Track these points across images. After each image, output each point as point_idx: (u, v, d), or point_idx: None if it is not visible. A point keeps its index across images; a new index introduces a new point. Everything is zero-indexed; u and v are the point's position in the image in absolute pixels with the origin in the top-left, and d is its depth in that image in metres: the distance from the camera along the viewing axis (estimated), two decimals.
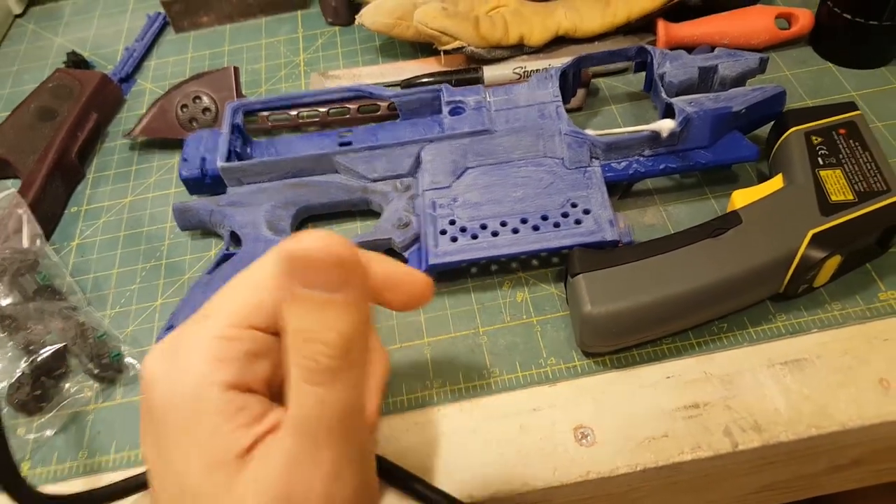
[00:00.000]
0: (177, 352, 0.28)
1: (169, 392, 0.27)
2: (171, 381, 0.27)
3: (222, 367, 0.27)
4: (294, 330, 0.26)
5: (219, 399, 0.27)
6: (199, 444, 0.26)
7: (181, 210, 0.53)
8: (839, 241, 0.42)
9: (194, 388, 0.27)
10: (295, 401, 0.26)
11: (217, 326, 0.28)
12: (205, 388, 0.27)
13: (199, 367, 0.27)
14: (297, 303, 0.25)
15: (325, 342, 0.25)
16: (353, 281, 0.26)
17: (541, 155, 0.50)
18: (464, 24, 0.59)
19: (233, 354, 0.28)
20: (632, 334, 0.43)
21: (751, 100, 0.48)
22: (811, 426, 0.40)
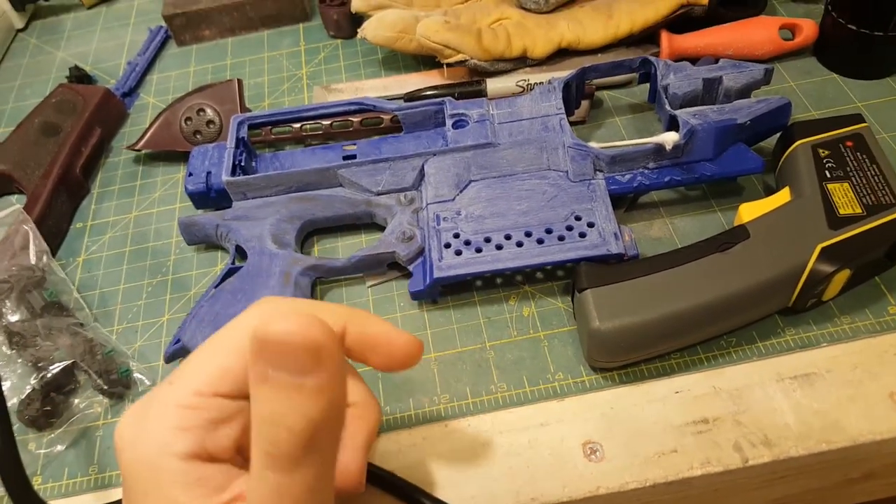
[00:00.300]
0: (144, 418, 0.28)
1: (133, 459, 0.27)
2: (136, 448, 0.28)
3: (182, 436, 0.27)
4: (258, 412, 0.24)
5: (177, 469, 0.27)
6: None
7: (187, 224, 0.53)
8: (848, 255, 0.42)
9: (155, 457, 0.27)
10: (252, 484, 0.25)
11: (181, 394, 0.28)
12: (164, 457, 0.27)
13: (160, 436, 0.27)
14: (265, 385, 0.24)
15: (289, 428, 0.24)
16: (326, 364, 0.24)
17: (544, 168, 0.50)
18: (466, 38, 0.59)
19: (195, 423, 0.28)
20: (640, 350, 0.43)
21: (756, 112, 0.48)
22: (822, 441, 0.40)
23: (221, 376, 0.29)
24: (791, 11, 0.65)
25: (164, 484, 0.27)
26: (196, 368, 0.29)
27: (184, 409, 0.28)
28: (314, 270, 0.50)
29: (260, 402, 0.24)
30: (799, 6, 0.65)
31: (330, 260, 0.50)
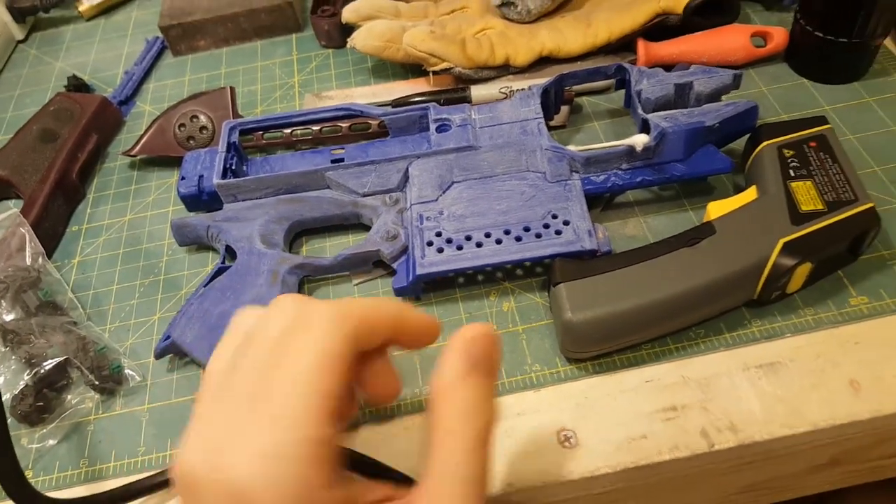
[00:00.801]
0: (268, 458, 0.27)
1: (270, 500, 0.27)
2: (273, 491, 0.26)
3: (324, 471, 0.27)
4: (470, 401, 0.30)
5: (330, 500, 0.28)
6: None
7: (179, 226, 0.55)
8: (809, 249, 0.44)
9: (305, 497, 0.27)
10: (463, 465, 0.29)
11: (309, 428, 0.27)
12: (315, 493, 0.27)
13: (304, 475, 0.27)
14: (474, 377, 0.30)
15: (489, 415, 0.30)
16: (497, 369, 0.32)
17: (523, 169, 0.52)
18: (451, 47, 0.61)
19: (329, 455, 0.28)
20: (612, 340, 0.45)
21: (724, 114, 0.50)
22: (784, 426, 0.42)
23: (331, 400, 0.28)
24: (764, 19, 0.67)
25: None
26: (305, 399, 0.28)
27: (320, 445, 0.28)
28: (301, 269, 0.52)
29: (467, 394, 0.30)
30: (772, 14, 0.67)
31: (317, 259, 0.52)
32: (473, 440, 0.29)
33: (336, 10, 0.71)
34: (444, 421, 0.30)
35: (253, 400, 0.28)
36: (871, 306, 0.46)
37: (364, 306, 0.31)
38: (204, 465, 0.28)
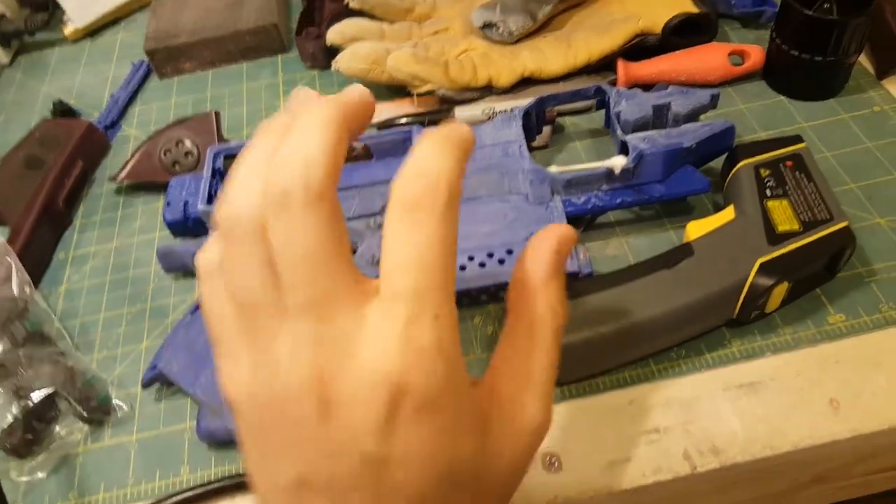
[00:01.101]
0: (437, 348, 0.27)
1: (429, 387, 0.27)
2: (430, 377, 0.27)
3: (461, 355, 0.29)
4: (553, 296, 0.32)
5: (467, 382, 0.29)
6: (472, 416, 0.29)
7: (165, 253, 0.56)
8: (785, 269, 0.44)
9: (456, 379, 0.28)
10: (549, 352, 0.32)
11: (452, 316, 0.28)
12: (461, 375, 0.28)
13: (457, 354, 0.28)
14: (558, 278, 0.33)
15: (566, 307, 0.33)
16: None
17: (506, 191, 0.52)
18: (434, 69, 0.62)
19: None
20: (594, 363, 0.46)
21: (701, 135, 0.50)
22: (766, 447, 0.42)
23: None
24: (742, 37, 0.68)
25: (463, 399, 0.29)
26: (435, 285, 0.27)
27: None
28: None
29: (556, 291, 0.32)
30: (749, 32, 0.68)
31: None
32: (558, 330, 0.32)
33: (321, 32, 0.72)
34: (533, 315, 0.31)
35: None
36: (849, 324, 0.47)
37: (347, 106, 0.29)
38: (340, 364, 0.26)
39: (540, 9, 0.64)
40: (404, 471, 0.27)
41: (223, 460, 0.47)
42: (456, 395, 0.28)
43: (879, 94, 0.61)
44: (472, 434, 0.29)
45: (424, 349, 0.26)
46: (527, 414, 0.31)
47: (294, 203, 0.26)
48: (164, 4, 0.80)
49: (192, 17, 0.77)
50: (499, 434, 0.30)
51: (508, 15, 0.64)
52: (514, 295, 0.33)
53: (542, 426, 0.31)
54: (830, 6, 0.58)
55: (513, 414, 0.31)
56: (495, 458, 0.30)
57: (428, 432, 0.27)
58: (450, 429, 0.28)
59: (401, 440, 0.26)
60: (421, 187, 0.27)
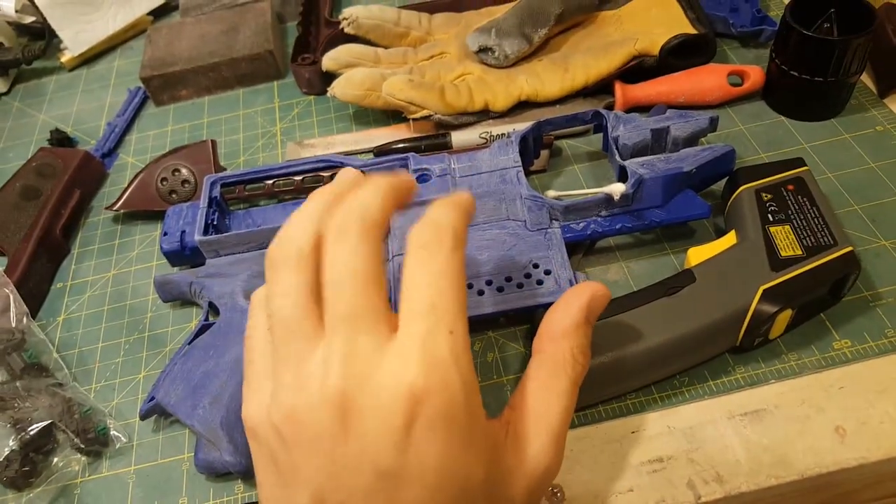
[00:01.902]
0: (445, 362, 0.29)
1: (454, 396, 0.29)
2: (457, 387, 0.29)
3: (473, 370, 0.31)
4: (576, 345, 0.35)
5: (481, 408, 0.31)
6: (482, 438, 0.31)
7: (162, 283, 0.55)
8: (789, 295, 0.44)
9: (475, 390, 0.31)
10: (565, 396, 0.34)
11: (465, 331, 0.31)
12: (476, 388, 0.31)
13: (470, 371, 0.30)
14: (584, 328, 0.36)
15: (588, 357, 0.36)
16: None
17: (504, 218, 0.52)
18: (430, 94, 0.62)
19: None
20: (596, 392, 0.45)
21: (701, 159, 0.50)
22: (771, 476, 0.42)
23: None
24: (741, 57, 0.68)
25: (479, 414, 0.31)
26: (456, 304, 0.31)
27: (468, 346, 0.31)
28: None
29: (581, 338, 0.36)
30: (749, 51, 0.68)
31: None
32: (577, 378, 0.35)
33: (316, 58, 0.72)
34: (555, 360, 0.35)
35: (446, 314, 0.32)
36: (855, 350, 0.46)
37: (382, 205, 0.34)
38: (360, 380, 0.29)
39: (535, 32, 0.64)
40: (418, 488, 0.28)
41: (221, 491, 0.47)
42: (470, 415, 0.29)
43: (882, 114, 0.60)
44: (485, 460, 0.30)
45: (441, 360, 0.29)
46: (537, 455, 0.32)
47: (351, 231, 0.31)
48: (159, 32, 0.80)
49: (188, 44, 0.77)
50: (510, 468, 0.31)
51: (504, 39, 0.64)
52: (539, 340, 0.36)
53: (550, 469, 0.33)
54: (831, 25, 0.58)
55: (525, 452, 0.32)
56: (505, 490, 0.31)
57: (443, 446, 0.28)
58: (464, 447, 0.29)
59: (416, 453, 0.28)
60: (432, 231, 0.32)
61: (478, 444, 0.30)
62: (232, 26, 0.78)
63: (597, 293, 0.36)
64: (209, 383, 0.48)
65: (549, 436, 0.33)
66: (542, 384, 0.34)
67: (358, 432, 0.28)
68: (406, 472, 0.28)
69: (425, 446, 0.28)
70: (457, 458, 0.29)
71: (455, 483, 0.29)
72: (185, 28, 0.80)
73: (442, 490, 0.28)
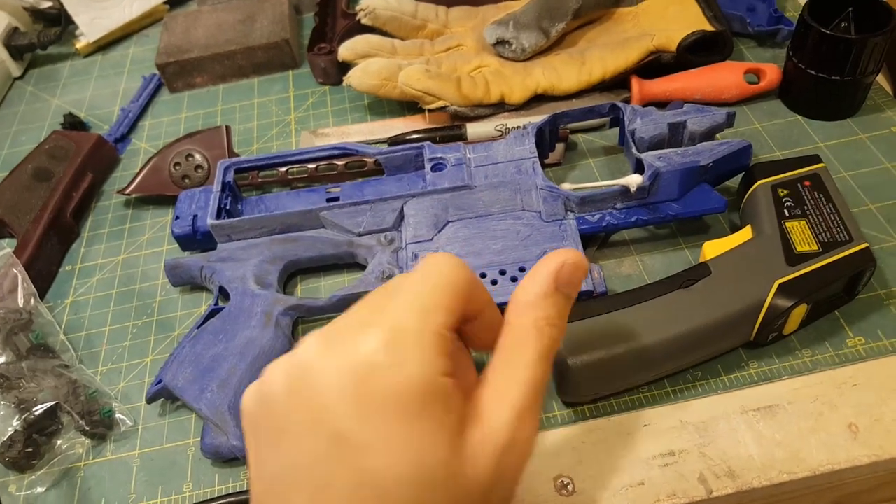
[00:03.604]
0: (402, 346, 0.29)
1: (399, 378, 0.29)
2: (401, 369, 0.29)
3: (446, 362, 0.30)
4: (545, 315, 0.33)
5: (445, 387, 0.29)
6: (439, 423, 0.29)
7: (172, 266, 0.55)
8: (804, 290, 0.43)
9: (432, 376, 0.29)
10: (530, 367, 0.32)
11: (439, 323, 0.30)
12: (439, 377, 0.29)
13: (431, 360, 0.29)
14: (555, 296, 0.33)
15: (561, 329, 0.33)
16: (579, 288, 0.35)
17: (518, 208, 0.51)
18: (446, 85, 0.61)
19: (448, 350, 0.30)
20: (608, 384, 0.45)
21: (718, 154, 0.50)
22: (783, 472, 0.41)
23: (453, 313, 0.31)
24: (757, 56, 0.67)
25: (438, 401, 0.29)
26: (437, 303, 0.31)
27: (442, 338, 0.30)
28: (295, 310, 0.52)
29: (545, 308, 0.33)
30: (765, 50, 0.68)
31: (311, 300, 0.52)
32: (544, 350, 0.32)
33: (332, 48, 0.72)
34: (519, 330, 0.33)
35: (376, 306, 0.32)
36: (869, 347, 0.46)
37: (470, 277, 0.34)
38: (324, 352, 0.30)
39: (553, 26, 0.64)
40: (375, 459, 0.28)
41: (227, 477, 0.46)
42: (426, 388, 0.29)
43: None
44: (448, 436, 0.29)
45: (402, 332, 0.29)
46: (499, 429, 0.31)
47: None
48: (176, 19, 0.80)
49: (204, 32, 0.78)
50: (474, 443, 0.30)
51: (521, 32, 0.64)
52: (507, 312, 0.34)
53: (515, 443, 0.31)
54: (848, 25, 0.57)
55: (487, 426, 0.31)
56: (470, 467, 0.30)
57: (399, 420, 0.28)
58: (420, 421, 0.29)
59: (371, 424, 0.28)
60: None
61: (437, 417, 0.29)
62: (249, 15, 0.78)
63: (568, 260, 0.34)
64: (218, 367, 0.48)
65: (511, 409, 0.31)
66: (505, 357, 0.33)
67: (314, 402, 0.29)
68: (362, 441, 0.28)
69: (380, 418, 0.28)
70: (415, 431, 0.29)
71: (414, 455, 0.28)
72: (201, 16, 0.80)
73: (402, 462, 0.28)
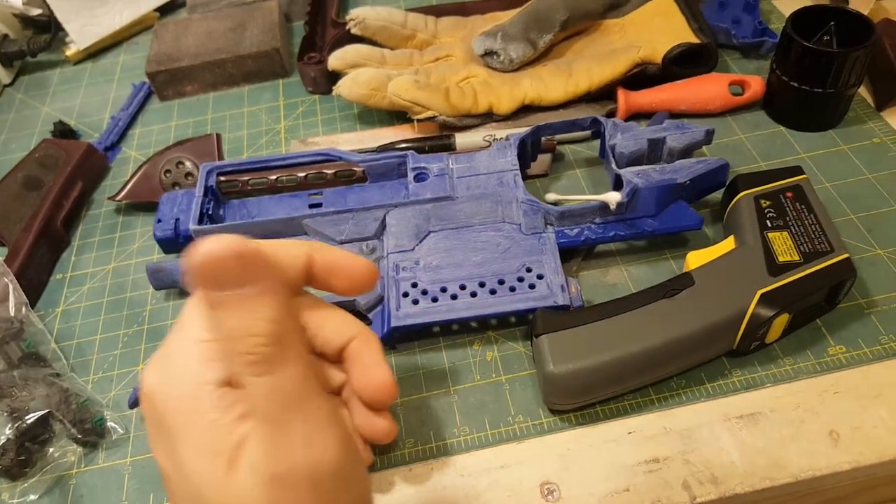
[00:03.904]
0: (167, 361, 0.30)
1: (167, 396, 0.29)
2: (168, 387, 0.29)
3: (211, 367, 0.29)
4: (227, 335, 0.28)
5: (212, 395, 0.28)
6: (200, 439, 0.28)
7: (154, 270, 0.55)
8: (786, 300, 0.44)
9: (192, 389, 0.29)
10: (252, 394, 0.28)
11: (197, 333, 0.30)
12: (200, 387, 0.29)
13: (192, 370, 0.29)
14: (219, 309, 0.28)
15: (258, 333, 0.28)
16: (257, 272, 0.29)
17: (499, 220, 0.52)
18: (435, 95, 0.62)
19: (216, 355, 0.29)
20: (594, 391, 0.45)
21: (695, 172, 0.51)
22: (765, 478, 0.42)
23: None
24: (742, 67, 0.68)
25: (203, 410, 0.28)
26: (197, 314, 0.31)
27: (204, 344, 0.30)
28: None
29: (221, 325, 0.29)
30: (750, 62, 0.69)
31: None
32: (250, 367, 0.28)
33: (322, 57, 0.72)
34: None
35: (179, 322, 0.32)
36: (850, 355, 0.47)
37: (270, 244, 0.33)
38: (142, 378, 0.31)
39: (541, 37, 0.65)
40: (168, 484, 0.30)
41: None
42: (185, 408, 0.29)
43: (879, 126, 0.61)
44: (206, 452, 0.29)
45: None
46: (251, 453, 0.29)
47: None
48: (166, 28, 0.81)
49: (195, 40, 0.78)
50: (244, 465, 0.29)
51: (509, 43, 0.65)
52: None
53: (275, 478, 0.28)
54: (830, 38, 0.58)
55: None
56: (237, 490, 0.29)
57: (168, 441, 0.29)
58: (182, 444, 0.29)
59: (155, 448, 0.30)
60: None
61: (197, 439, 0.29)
62: (239, 24, 0.79)
63: (198, 258, 0.28)
64: None
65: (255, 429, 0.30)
66: None
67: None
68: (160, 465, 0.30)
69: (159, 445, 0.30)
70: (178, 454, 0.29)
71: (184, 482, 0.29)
72: (191, 24, 0.80)
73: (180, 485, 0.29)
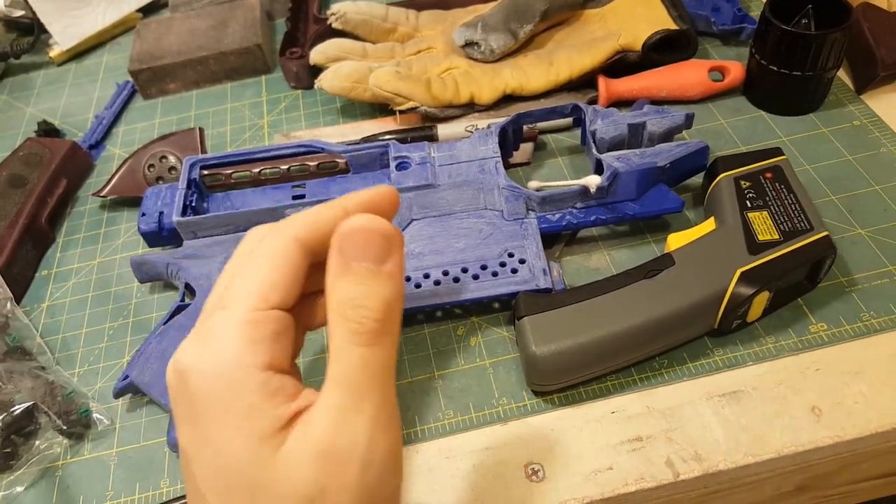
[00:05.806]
0: (205, 341, 0.29)
1: (205, 377, 0.29)
2: (207, 368, 0.29)
3: (255, 349, 0.29)
4: (343, 298, 0.30)
5: (257, 380, 0.29)
6: (241, 423, 0.28)
7: (139, 263, 0.55)
8: (765, 277, 0.44)
9: (233, 371, 0.28)
10: (340, 360, 0.29)
11: (243, 310, 0.30)
12: (242, 370, 0.29)
13: (234, 352, 0.29)
14: (348, 275, 0.30)
15: (371, 308, 0.29)
16: (397, 252, 0.31)
17: (481, 207, 0.52)
18: (416, 86, 0.62)
19: (262, 336, 0.29)
20: (576, 372, 0.45)
21: (675, 155, 0.51)
22: (748, 454, 0.42)
23: (272, 289, 0.30)
24: (722, 54, 0.69)
25: (245, 394, 0.28)
26: (248, 286, 0.30)
27: (250, 325, 0.29)
28: None
29: (341, 290, 0.30)
30: (730, 49, 0.69)
31: None
32: (355, 338, 0.29)
33: (304, 52, 0.72)
34: (329, 320, 0.30)
35: (212, 304, 0.31)
36: (831, 333, 0.47)
37: (308, 213, 0.33)
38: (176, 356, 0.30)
39: (521, 28, 0.65)
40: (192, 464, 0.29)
41: None
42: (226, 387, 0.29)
43: (858, 109, 0.61)
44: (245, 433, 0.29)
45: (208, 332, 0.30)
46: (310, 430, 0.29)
47: None
48: (148, 27, 0.81)
49: (177, 38, 0.78)
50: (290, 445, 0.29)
51: (490, 34, 0.65)
52: None
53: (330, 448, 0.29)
54: (808, 21, 0.59)
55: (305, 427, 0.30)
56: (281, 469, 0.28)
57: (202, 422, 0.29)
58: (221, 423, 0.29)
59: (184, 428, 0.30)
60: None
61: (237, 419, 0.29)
62: (221, 21, 0.79)
63: (355, 226, 0.31)
64: None
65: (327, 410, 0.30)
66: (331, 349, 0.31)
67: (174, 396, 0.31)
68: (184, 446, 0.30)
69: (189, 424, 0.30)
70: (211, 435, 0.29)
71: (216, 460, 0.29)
72: (174, 23, 0.80)
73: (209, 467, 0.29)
